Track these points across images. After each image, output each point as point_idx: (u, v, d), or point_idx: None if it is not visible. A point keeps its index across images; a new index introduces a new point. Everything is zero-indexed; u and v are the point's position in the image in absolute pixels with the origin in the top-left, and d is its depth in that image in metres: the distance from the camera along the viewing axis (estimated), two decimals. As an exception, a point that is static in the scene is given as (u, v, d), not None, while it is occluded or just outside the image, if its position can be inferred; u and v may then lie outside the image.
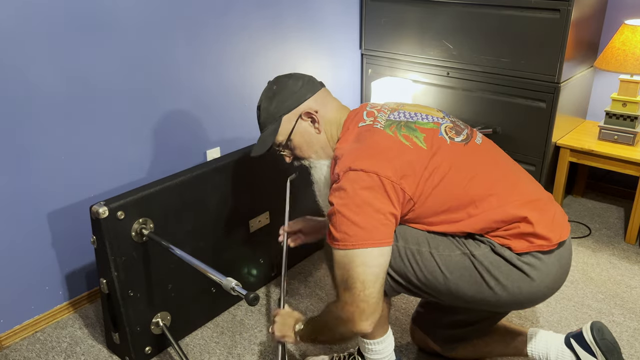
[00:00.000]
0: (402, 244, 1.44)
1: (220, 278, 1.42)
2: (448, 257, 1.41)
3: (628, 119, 2.48)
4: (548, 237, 1.39)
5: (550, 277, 1.42)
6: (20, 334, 1.99)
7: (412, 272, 1.44)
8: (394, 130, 1.42)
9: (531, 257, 1.39)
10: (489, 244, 1.40)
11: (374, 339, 1.61)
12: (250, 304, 1.30)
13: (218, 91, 2.41)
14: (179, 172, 1.84)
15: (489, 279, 1.39)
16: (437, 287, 1.44)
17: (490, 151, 1.51)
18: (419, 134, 1.42)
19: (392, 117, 1.47)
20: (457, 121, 1.56)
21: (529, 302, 1.45)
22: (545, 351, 1.63)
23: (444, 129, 1.47)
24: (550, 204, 1.47)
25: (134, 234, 1.71)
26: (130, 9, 2.00)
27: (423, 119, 1.48)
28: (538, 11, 2.39)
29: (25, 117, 1.83)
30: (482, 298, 1.42)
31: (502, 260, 1.39)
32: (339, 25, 2.91)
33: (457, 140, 1.46)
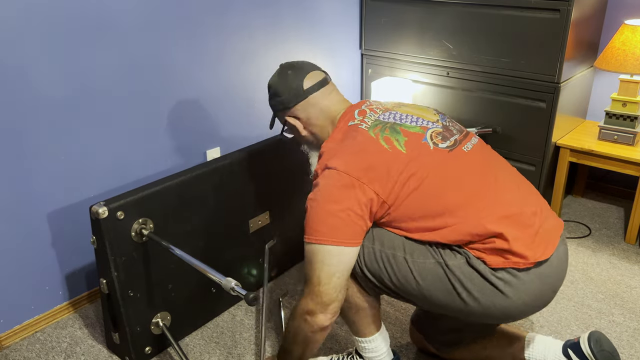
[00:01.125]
0: (379, 247, 1.45)
1: (220, 278, 1.42)
2: (422, 264, 1.41)
3: (628, 119, 2.48)
4: (525, 255, 1.36)
5: (529, 295, 1.38)
6: (20, 334, 1.99)
7: (386, 276, 1.46)
8: (377, 132, 1.43)
9: (506, 274, 1.36)
10: (465, 256, 1.39)
11: (365, 337, 1.63)
12: (249, 304, 1.30)
13: (218, 91, 2.41)
14: (179, 172, 1.84)
15: (461, 290, 1.39)
16: (410, 292, 1.45)
17: (477, 159, 1.47)
18: (401, 138, 1.43)
19: (381, 118, 1.49)
20: (452, 125, 1.54)
21: (506, 317, 1.42)
22: (543, 357, 1.61)
23: (430, 134, 1.46)
24: (536, 217, 1.42)
25: (133, 234, 1.71)
26: (130, 9, 2.00)
27: (411, 122, 1.48)
28: (538, 11, 2.39)
29: (25, 117, 1.83)
30: (454, 307, 1.42)
31: (475, 273, 1.38)
32: (339, 25, 2.91)
33: (442, 147, 1.44)
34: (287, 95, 1.57)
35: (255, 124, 2.62)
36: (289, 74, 1.58)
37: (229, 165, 1.96)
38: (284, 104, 1.57)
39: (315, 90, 1.56)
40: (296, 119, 1.58)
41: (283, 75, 1.58)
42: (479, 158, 1.48)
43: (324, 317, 1.42)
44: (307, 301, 1.42)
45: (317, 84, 1.57)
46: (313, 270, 1.40)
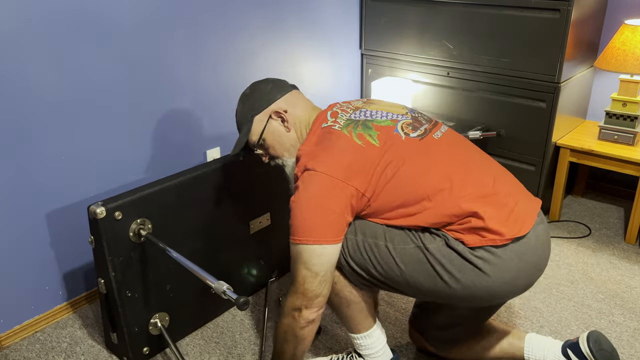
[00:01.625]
0: (361, 238, 1.49)
1: (212, 281, 1.42)
2: (402, 250, 1.45)
3: (628, 119, 2.47)
4: (500, 232, 1.39)
5: (509, 273, 1.41)
6: (20, 334, 1.99)
7: (371, 265, 1.49)
8: (350, 130, 1.48)
9: (484, 252, 1.40)
10: (444, 238, 1.43)
11: (359, 333, 1.64)
12: (240, 309, 1.30)
13: (218, 91, 2.41)
14: (178, 173, 1.84)
15: (442, 272, 1.42)
16: (395, 279, 1.48)
17: (447, 145, 1.52)
18: (374, 132, 1.47)
19: (352, 117, 1.53)
20: (421, 117, 1.59)
21: (491, 296, 1.44)
22: (543, 357, 1.62)
23: (401, 126, 1.51)
24: (510, 196, 1.45)
25: (131, 235, 1.71)
26: (130, 9, 2.00)
27: (382, 117, 1.53)
28: (538, 11, 2.39)
29: (24, 117, 1.83)
30: (438, 291, 1.45)
31: (454, 254, 1.41)
32: (339, 25, 2.91)
33: (413, 136, 1.49)
34: (274, 89, 1.60)
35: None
36: (266, 79, 1.64)
37: (229, 165, 1.95)
38: (271, 97, 1.59)
39: (295, 88, 1.65)
40: (280, 113, 1.57)
41: (261, 82, 1.64)
42: (450, 144, 1.52)
43: (310, 312, 1.47)
44: (294, 299, 1.47)
45: (292, 85, 1.65)
46: (298, 269, 1.45)
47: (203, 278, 1.45)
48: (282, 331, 1.54)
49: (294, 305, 1.48)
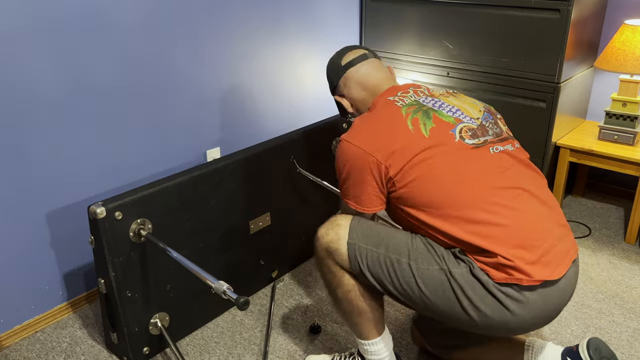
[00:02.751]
0: (383, 252, 1.46)
1: (212, 281, 1.41)
2: (426, 271, 1.41)
3: (628, 119, 2.47)
4: (528, 273, 1.33)
5: (531, 313, 1.37)
6: (20, 334, 1.99)
7: (389, 280, 1.46)
8: (408, 112, 1.48)
9: (509, 288, 1.35)
10: (469, 264, 1.38)
11: (367, 340, 1.61)
12: (240, 309, 1.30)
13: (218, 91, 2.41)
14: (178, 173, 1.84)
15: (463, 298, 1.37)
16: (412, 298, 1.45)
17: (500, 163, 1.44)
18: (430, 123, 1.45)
19: (420, 100, 1.53)
20: (492, 127, 1.52)
21: (505, 331, 1.40)
22: None
23: (461, 128, 1.46)
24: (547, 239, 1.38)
25: (131, 235, 1.71)
26: (130, 9, 2.00)
27: (448, 112, 1.50)
28: (538, 11, 2.39)
29: (25, 117, 1.83)
30: (455, 316, 1.41)
31: (477, 284, 1.36)
32: (339, 25, 2.91)
33: (468, 142, 1.44)
34: (330, 74, 1.70)
35: (256, 124, 2.62)
36: (333, 56, 1.72)
37: (229, 166, 1.95)
38: (331, 83, 1.70)
39: (352, 65, 1.65)
40: (342, 96, 1.68)
41: (330, 59, 1.73)
42: (504, 164, 1.44)
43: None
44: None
45: (355, 59, 1.65)
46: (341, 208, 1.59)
47: (203, 278, 1.45)
48: None
49: None
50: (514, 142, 1.54)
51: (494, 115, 1.59)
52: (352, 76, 1.65)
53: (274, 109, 2.70)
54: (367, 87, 1.63)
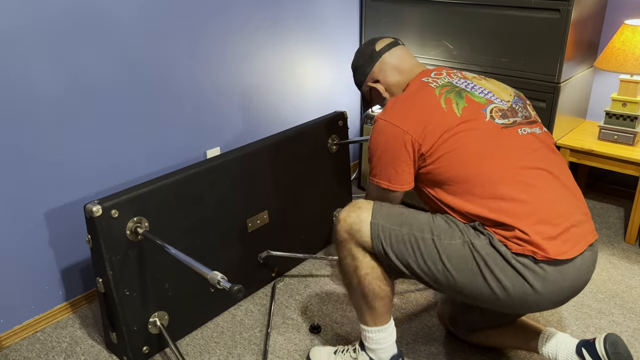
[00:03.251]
0: (407, 230, 1.49)
1: (206, 272, 1.41)
2: (449, 246, 1.45)
3: (628, 119, 2.47)
4: (544, 248, 1.38)
5: (547, 287, 1.40)
6: (20, 334, 1.99)
7: (413, 259, 1.49)
8: (442, 92, 1.54)
9: (526, 259, 1.39)
10: (488, 236, 1.42)
11: (374, 327, 1.64)
12: (234, 296, 1.30)
13: (218, 91, 2.41)
14: (175, 171, 1.84)
15: (485, 270, 1.42)
16: (435, 275, 1.48)
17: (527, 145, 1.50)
18: (462, 102, 1.52)
19: (454, 82, 1.59)
20: (522, 110, 1.59)
21: (523, 306, 1.44)
22: (555, 352, 1.62)
23: (491, 108, 1.53)
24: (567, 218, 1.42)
25: (128, 233, 1.71)
26: (130, 9, 2.01)
27: (480, 93, 1.57)
28: (538, 11, 2.39)
29: (24, 117, 1.84)
30: (478, 292, 1.45)
31: (497, 254, 1.41)
32: (339, 25, 2.91)
33: (497, 122, 1.50)
34: (364, 62, 1.73)
35: (256, 124, 2.63)
36: (362, 46, 1.76)
37: (226, 163, 1.96)
38: (364, 71, 1.73)
39: (386, 51, 1.71)
40: (376, 82, 1.72)
41: (358, 50, 1.77)
42: (531, 145, 1.50)
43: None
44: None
45: (387, 45, 1.72)
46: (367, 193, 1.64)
47: (197, 269, 1.44)
48: None
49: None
50: (542, 127, 1.60)
51: (524, 101, 1.66)
52: (388, 60, 1.70)
53: (274, 109, 2.70)
54: (403, 70, 1.69)
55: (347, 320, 2.05)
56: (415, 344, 1.92)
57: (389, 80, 1.70)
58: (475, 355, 1.86)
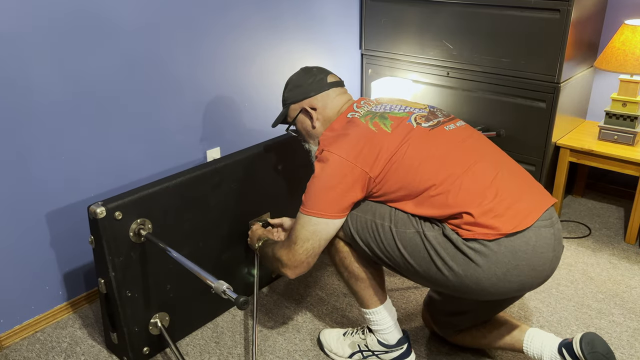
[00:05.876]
0: (370, 218, 1.60)
1: (212, 281, 1.42)
2: (403, 234, 1.55)
3: (628, 119, 2.47)
4: (494, 226, 1.44)
5: (500, 266, 1.45)
6: (20, 334, 1.99)
7: (375, 243, 1.60)
8: (367, 119, 1.62)
9: (476, 243, 1.45)
10: (441, 227, 1.50)
11: (368, 309, 1.73)
12: (240, 308, 1.31)
13: (218, 91, 2.41)
14: (178, 173, 1.84)
15: (436, 258, 1.50)
16: (395, 260, 1.58)
17: (457, 137, 1.60)
18: (388, 122, 1.60)
19: (373, 109, 1.67)
20: (439, 112, 1.70)
21: (480, 289, 1.49)
22: (540, 353, 1.64)
23: (414, 117, 1.63)
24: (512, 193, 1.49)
25: (131, 234, 1.71)
26: (130, 10, 2.00)
27: (399, 110, 1.66)
28: (538, 11, 2.39)
29: (25, 117, 1.83)
30: (432, 277, 1.53)
31: (448, 243, 1.48)
32: (339, 25, 2.91)
33: (424, 126, 1.60)
34: (312, 85, 1.75)
35: (256, 124, 2.62)
36: (313, 70, 1.79)
37: (229, 166, 1.96)
38: (306, 92, 1.75)
39: (335, 86, 1.77)
40: (312, 109, 1.74)
41: (308, 71, 1.79)
42: (460, 137, 1.60)
43: (289, 272, 1.64)
44: (282, 252, 1.65)
45: (337, 82, 1.78)
46: (294, 231, 1.61)
47: (203, 278, 1.45)
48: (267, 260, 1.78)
49: (281, 258, 1.65)
50: (461, 120, 1.71)
51: (437, 107, 1.79)
52: (332, 96, 1.75)
53: (274, 109, 2.70)
54: (338, 108, 1.74)
55: (346, 321, 2.05)
56: (415, 344, 1.92)
57: (325, 113, 1.74)
58: (475, 355, 1.87)
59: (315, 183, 1.58)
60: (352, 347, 1.83)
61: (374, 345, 1.78)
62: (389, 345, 1.76)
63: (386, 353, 1.78)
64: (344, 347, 1.85)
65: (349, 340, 1.84)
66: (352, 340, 1.83)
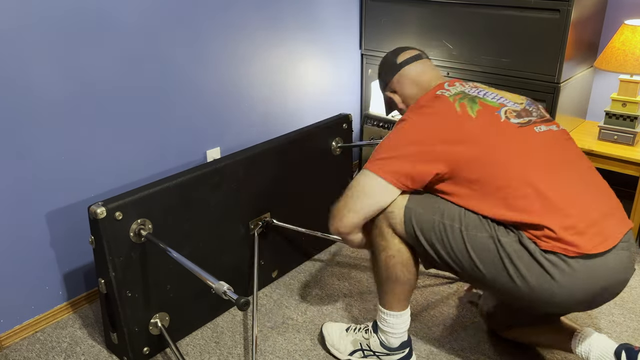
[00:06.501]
0: (438, 218, 1.53)
1: (213, 282, 1.42)
2: (475, 237, 1.47)
3: (628, 119, 2.47)
4: (575, 244, 1.38)
5: (576, 286, 1.39)
6: (20, 334, 1.99)
7: (441, 245, 1.52)
8: (456, 99, 1.56)
9: (555, 257, 1.39)
10: (517, 234, 1.43)
11: (391, 310, 1.69)
12: (240, 309, 1.30)
13: (218, 91, 2.41)
14: (179, 173, 1.85)
15: (509, 265, 1.43)
16: (462, 264, 1.51)
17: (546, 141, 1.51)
18: (476, 106, 1.54)
19: (466, 90, 1.61)
20: (535, 110, 1.61)
21: (549, 303, 1.43)
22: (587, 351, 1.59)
23: (505, 111, 1.55)
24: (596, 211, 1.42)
25: (132, 235, 1.71)
26: (130, 9, 2.00)
27: (492, 98, 1.59)
28: (538, 11, 2.39)
29: (25, 117, 1.83)
30: (501, 284, 1.46)
31: (524, 251, 1.41)
32: (339, 26, 2.91)
33: (513, 122, 1.52)
34: (385, 72, 1.79)
35: (255, 124, 2.62)
36: (387, 54, 1.81)
37: (229, 166, 1.96)
38: (384, 80, 1.80)
39: (407, 64, 1.75)
40: (394, 92, 1.77)
41: (383, 58, 1.82)
42: (550, 142, 1.51)
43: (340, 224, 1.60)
44: (335, 210, 1.61)
45: (409, 58, 1.75)
46: (349, 187, 1.58)
47: (203, 278, 1.45)
48: None
49: (333, 213, 1.61)
50: (559, 125, 1.61)
51: (536, 104, 1.67)
52: (407, 73, 1.74)
53: (274, 109, 2.70)
54: (420, 84, 1.73)
55: (346, 321, 2.05)
56: (415, 344, 1.92)
57: (406, 92, 1.75)
58: (475, 355, 1.87)
59: (385, 140, 1.56)
60: (354, 345, 1.82)
61: (376, 346, 1.77)
62: (391, 348, 1.75)
63: (387, 355, 1.77)
64: (346, 344, 1.84)
65: (352, 337, 1.84)
66: (354, 338, 1.83)
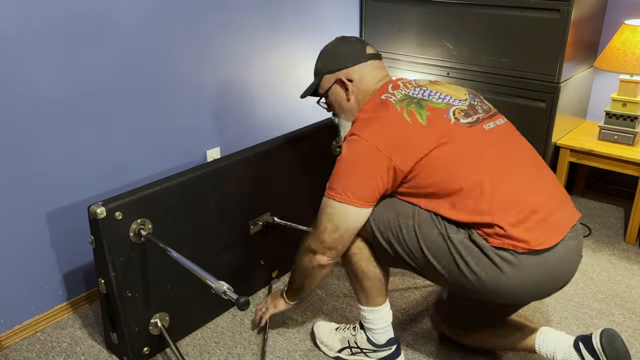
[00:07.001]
0: (394, 216, 1.56)
1: (212, 281, 1.42)
2: (427, 235, 1.51)
3: (628, 119, 2.47)
4: (524, 240, 1.41)
5: (525, 280, 1.43)
6: (20, 334, 1.99)
7: (397, 242, 1.56)
8: (402, 105, 1.54)
9: (505, 252, 1.43)
10: (468, 232, 1.47)
11: (367, 306, 1.72)
12: (240, 309, 1.31)
13: (218, 91, 2.41)
14: (179, 173, 1.84)
15: (460, 260, 1.47)
16: (418, 260, 1.55)
17: (495, 138, 1.54)
18: (424, 112, 1.52)
19: (410, 93, 1.59)
20: (480, 105, 1.62)
21: (498, 296, 1.47)
22: (553, 350, 1.62)
23: (453, 110, 1.55)
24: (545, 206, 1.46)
25: (132, 235, 1.71)
26: (130, 9, 2.00)
27: (438, 99, 1.57)
28: (538, 11, 2.39)
29: (25, 117, 1.83)
30: (454, 279, 1.50)
31: (475, 248, 1.45)
32: (339, 26, 2.91)
33: (462, 122, 1.53)
34: (349, 55, 1.68)
35: (255, 124, 2.62)
36: (352, 39, 1.72)
37: (229, 166, 1.95)
38: (343, 62, 1.67)
39: (373, 58, 1.70)
40: (349, 80, 1.67)
41: (346, 40, 1.72)
42: (499, 139, 1.55)
43: (322, 258, 1.60)
44: (311, 242, 1.60)
45: (375, 54, 1.71)
46: (321, 219, 1.57)
47: (203, 278, 1.45)
48: (297, 265, 1.69)
49: (310, 247, 1.61)
50: (503, 117, 1.64)
51: (478, 96, 1.68)
52: (370, 68, 1.68)
53: (273, 109, 2.70)
54: (374, 82, 1.68)
55: (346, 321, 2.05)
56: (415, 344, 1.92)
57: (361, 86, 1.67)
58: (475, 355, 1.86)
59: (342, 165, 1.52)
60: (342, 342, 1.84)
61: (363, 343, 1.79)
62: (377, 344, 1.77)
63: (374, 352, 1.79)
64: (334, 341, 1.86)
65: (340, 335, 1.85)
66: (342, 336, 1.85)
